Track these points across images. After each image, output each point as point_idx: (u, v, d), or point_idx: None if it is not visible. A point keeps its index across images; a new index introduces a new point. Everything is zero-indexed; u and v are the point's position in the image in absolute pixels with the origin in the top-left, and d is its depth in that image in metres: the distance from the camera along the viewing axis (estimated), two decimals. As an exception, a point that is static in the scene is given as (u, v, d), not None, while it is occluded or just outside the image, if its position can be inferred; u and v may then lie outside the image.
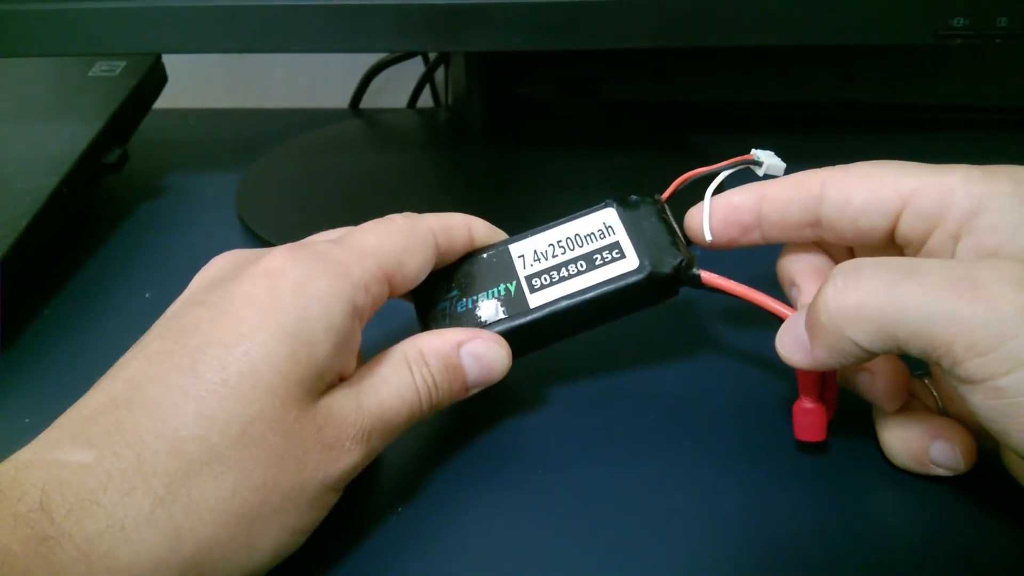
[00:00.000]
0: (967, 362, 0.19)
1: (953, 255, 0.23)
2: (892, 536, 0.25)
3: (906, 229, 0.24)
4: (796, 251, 0.28)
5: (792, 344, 0.24)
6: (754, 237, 0.27)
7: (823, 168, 0.26)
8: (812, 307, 0.22)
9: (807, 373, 0.25)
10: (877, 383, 0.25)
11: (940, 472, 0.25)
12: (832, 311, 0.22)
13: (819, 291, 0.22)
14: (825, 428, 0.26)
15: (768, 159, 0.28)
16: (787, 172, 0.29)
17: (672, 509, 0.26)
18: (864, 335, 0.21)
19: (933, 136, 0.50)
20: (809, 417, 0.26)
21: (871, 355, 0.22)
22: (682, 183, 0.29)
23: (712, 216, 0.28)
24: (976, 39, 0.36)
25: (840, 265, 0.22)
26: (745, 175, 0.29)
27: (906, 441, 0.25)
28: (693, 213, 0.28)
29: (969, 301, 0.19)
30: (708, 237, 0.28)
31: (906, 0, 0.35)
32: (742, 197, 0.27)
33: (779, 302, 0.25)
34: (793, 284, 0.28)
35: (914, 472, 0.26)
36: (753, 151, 0.29)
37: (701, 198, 0.29)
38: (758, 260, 0.32)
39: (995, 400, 0.19)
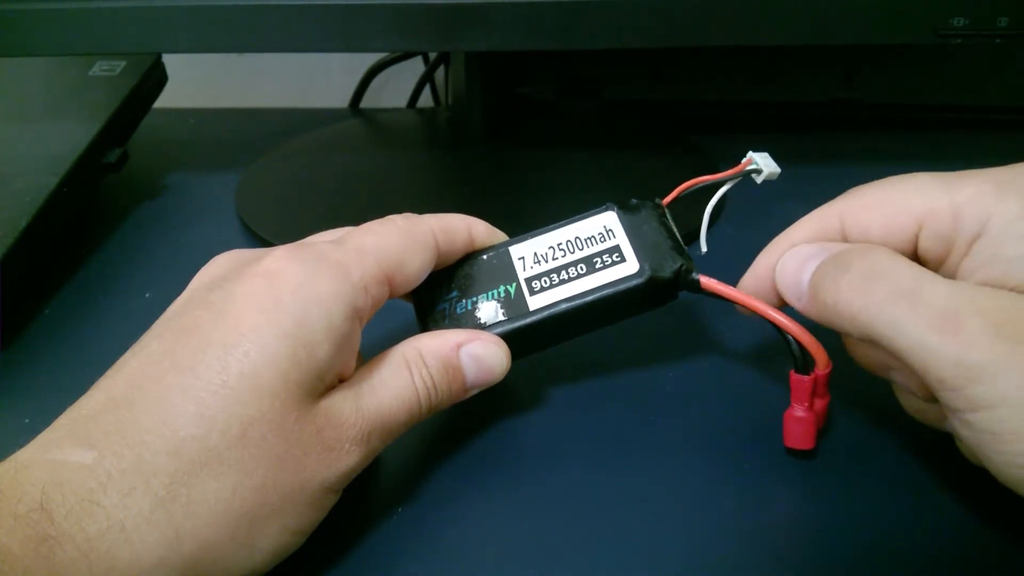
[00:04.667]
0: (939, 392, 0.21)
1: (957, 275, 0.24)
2: (892, 536, 0.25)
3: (923, 251, 0.24)
4: None
5: (792, 279, 0.25)
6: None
7: (839, 199, 0.26)
8: (819, 279, 0.23)
9: (800, 380, 0.25)
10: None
11: None
12: (830, 300, 0.23)
13: (828, 267, 0.23)
14: (815, 437, 0.26)
15: (766, 166, 0.28)
16: (786, 172, 0.29)
17: (672, 509, 0.26)
18: (852, 330, 0.23)
19: (933, 136, 0.50)
20: (799, 425, 0.26)
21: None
22: (685, 189, 0.29)
23: (749, 282, 0.27)
24: (976, 39, 0.36)
25: (853, 249, 0.23)
26: (743, 182, 0.29)
27: None
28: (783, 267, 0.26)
29: (947, 341, 0.20)
30: (704, 248, 0.29)
31: (906, 0, 0.35)
32: (769, 258, 0.27)
33: (777, 310, 0.25)
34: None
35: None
36: (750, 153, 0.29)
37: (701, 199, 0.29)
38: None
39: (966, 431, 0.21)
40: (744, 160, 0.29)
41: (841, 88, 0.55)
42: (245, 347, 0.22)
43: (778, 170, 0.28)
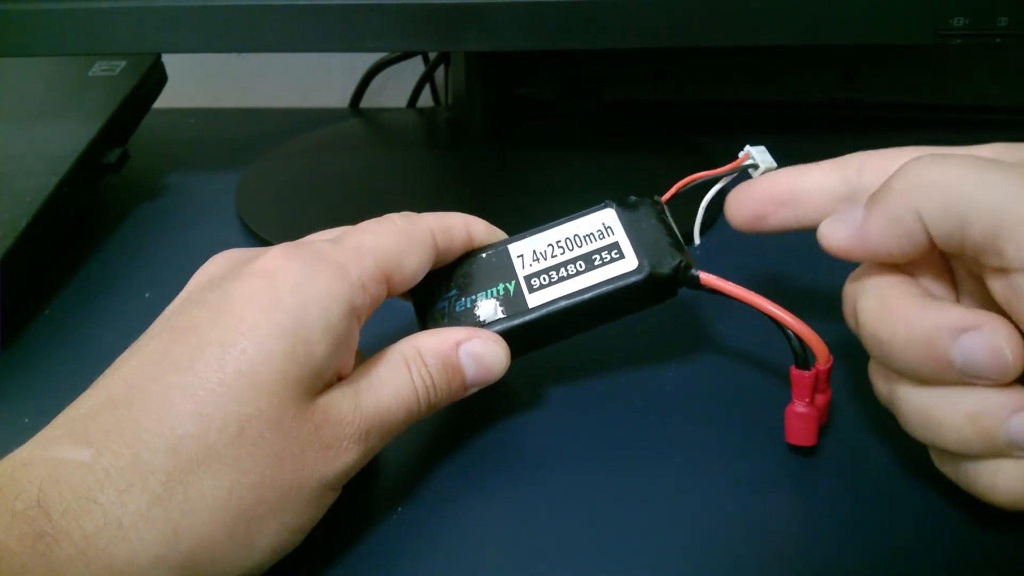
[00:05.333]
0: (1008, 251, 0.19)
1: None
2: (893, 537, 0.25)
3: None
4: None
5: (839, 222, 0.23)
6: (786, 214, 0.26)
7: (859, 153, 0.26)
8: (886, 182, 0.22)
9: (801, 376, 0.25)
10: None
11: None
12: (911, 178, 0.21)
13: (900, 167, 0.22)
14: (816, 433, 0.26)
15: (763, 161, 0.28)
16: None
17: (672, 509, 0.26)
18: (933, 207, 0.21)
19: (933, 136, 0.50)
20: (801, 421, 0.26)
21: (921, 243, 0.22)
22: (683, 186, 0.29)
23: (748, 191, 0.27)
24: (976, 39, 0.36)
25: (923, 150, 0.22)
26: (741, 178, 0.29)
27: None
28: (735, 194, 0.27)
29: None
30: (697, 240, 0.28)
31: (906, 0, 0.35)
32: (779, 175, 0.27)
33: (777, 305, 0.25)
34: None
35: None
36: (747, 148, 0.29)
37: (700, 201, 0.29)
38: (757, 262, 0.32)
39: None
40: (741, 155, 0.29)
41: (841, 88, 0.55)
42: (243, 345, 0.22)
43: (775, 165, 0.28)
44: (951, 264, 0.24)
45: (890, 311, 0.22)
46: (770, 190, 0.27)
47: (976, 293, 0.23)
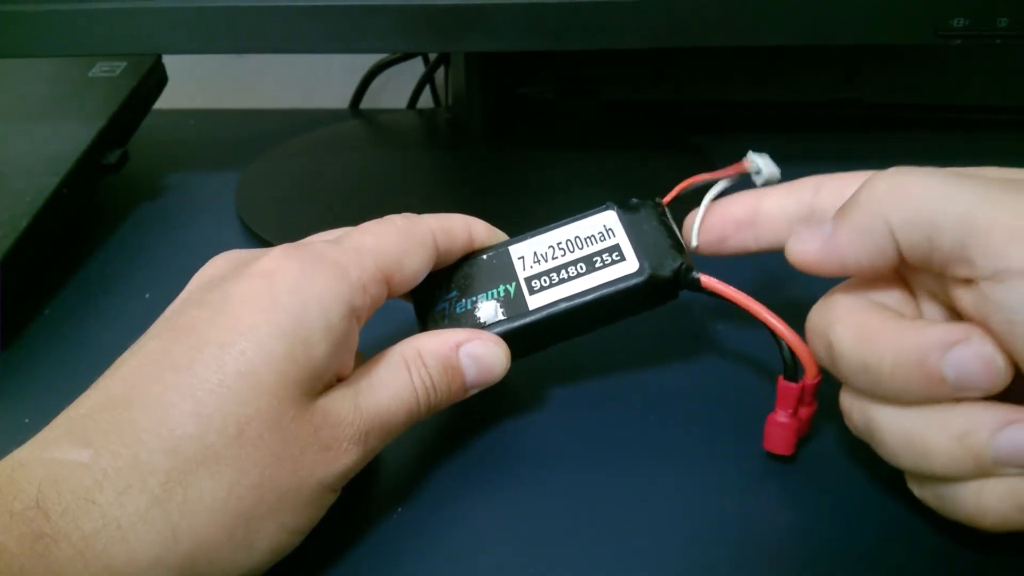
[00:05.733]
0: (1008, 247, 0.19)
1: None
2: (892, 539, 0.25)
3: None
4: None
5: (808, 235, 0.23)
6: (746, 236, 0.27)
7: (815, 176, 0.27)
8: (854, 195, 0.22)
9: (787, 387, 0.25)
10: None
11: None
12: (880, 189, 0.21)
13: (867, 180, 0.22)
14: (795, 444, 0.26)
15: (766, 167, 0.28)
16: (785, 172, 0.29)
17: (671, 509, 0.26)
18: (902, 217, 0.21)
19: (933, 136, 0.50)
20: (780, 431, 0.26)
21: (890, 255, 0.21)
22: (684, 188, 0.29)
23: (707, 214, 0.28)
24: (976, 39, 0.36)
25: (881, 174, 0.22)
26: (745, 181, 0.29)
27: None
28: (689, 218, 0.29)
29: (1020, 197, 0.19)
30: (694, 242, 0.28)
31: (906, 0, 0.35)
32: (738, 198, 0.28)
33: (773, 314, 0.25)
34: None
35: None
36: (750, 154, 0.29)
37: (701, 202, 0.29)
38: (759, 266, 0.32)
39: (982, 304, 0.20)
40: (744, 160, 0.29)
41: (841, 88, 0.55)
42: (242, 346, 0.21)
43: (778, 172, 0.28)
44: (911, 287, 0.24)
45: (873, 336, 0.22)
46: (731, 212, 0.28)
47: (936, 313, 0.23)
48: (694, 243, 0.28)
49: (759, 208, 0.27)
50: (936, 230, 0.20)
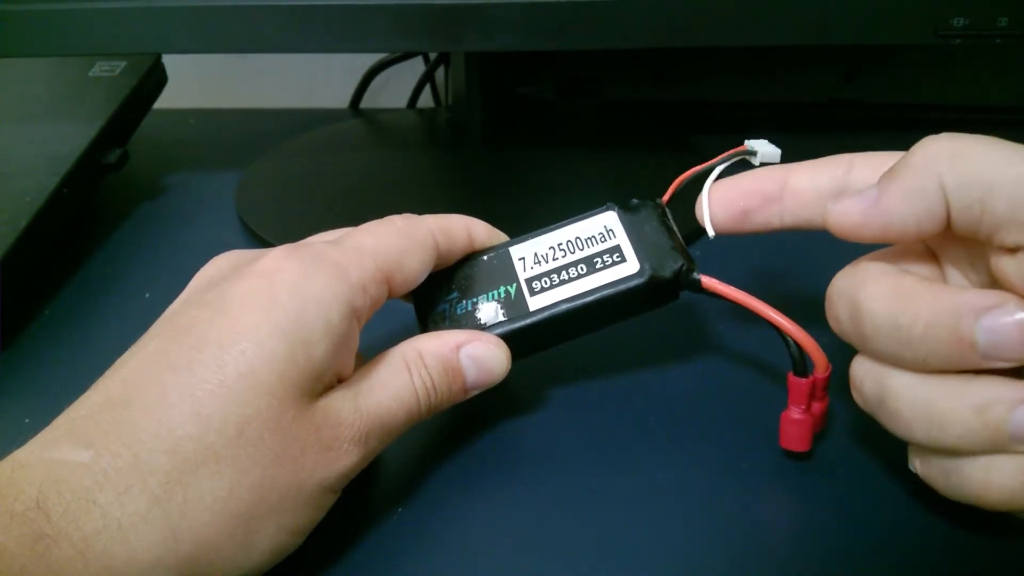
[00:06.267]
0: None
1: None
2: (893, 538, 0.25)
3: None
4: None
5: (851, 199, 0.22)
6: (771, 212, 0.26)
7: (847, 154, 0.26)
8: (903, 158, 0.22)
9: (798, 383, 0.25)
10: None
11: None
12: (934, 150, 0.21)
13: (918, 144, 0.21)
14: (811, 439, 0.26)
15: (762, 148, 0.28)
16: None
17: (671, 510, 0.26)
18: (959, 178, 0.20)
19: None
20: (796, 427, 0.26)
21: (939, 217, 0.21)
22: (680, 183, 0.29)
23: (728, 188, 0.27)
24: (976, 39, 0.36)
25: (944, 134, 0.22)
26: (738, 167, 0.28)
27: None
28: (699, 205, 0.27)
29: None
30: (707, 225, 0.27)
31: (906, 0, 0.35)
32: (765, 172, 0.26)
33: (777, 311, 0.25)
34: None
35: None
36: (747, 142, 0.28)
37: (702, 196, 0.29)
38: (760, 265, 0.32)
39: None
40: (743, 145, 0.28)
41: (841, 88, 0.55)
42: (242, 346, 0.21)
43: (778, 152, 0.28)
44: (940, 261, 0.24)
45: (909, 295, 0.21)
46: (758, 185, 0.26)
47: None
48: (707, 225, 0.27)
49: (787, 183, 0.26)
50: (991, 192, 0.20)
